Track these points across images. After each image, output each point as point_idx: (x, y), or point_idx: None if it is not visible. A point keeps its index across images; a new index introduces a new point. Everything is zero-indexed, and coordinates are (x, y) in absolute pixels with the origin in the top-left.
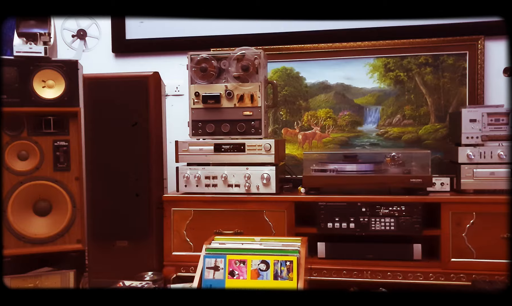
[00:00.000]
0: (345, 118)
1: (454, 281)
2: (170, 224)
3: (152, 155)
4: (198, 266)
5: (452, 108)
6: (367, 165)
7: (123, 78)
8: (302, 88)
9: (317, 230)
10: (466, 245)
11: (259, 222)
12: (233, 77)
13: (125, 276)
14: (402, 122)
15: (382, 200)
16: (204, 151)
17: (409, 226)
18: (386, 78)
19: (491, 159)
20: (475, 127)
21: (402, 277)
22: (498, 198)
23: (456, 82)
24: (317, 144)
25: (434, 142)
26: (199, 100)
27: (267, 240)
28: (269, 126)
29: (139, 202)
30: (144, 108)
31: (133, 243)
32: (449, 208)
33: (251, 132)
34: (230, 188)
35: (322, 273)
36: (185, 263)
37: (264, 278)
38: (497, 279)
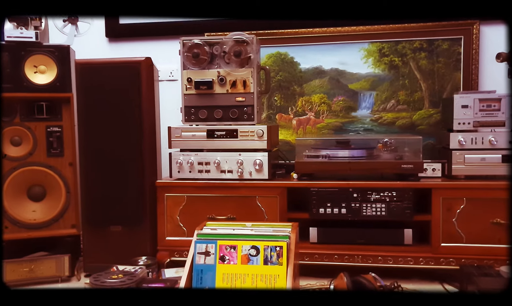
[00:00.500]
0: (340, 104)
1: (443, 265)
2: (163, 209)
3: (145, 140)
4: (189, 252)
5: (446, 93)
6: (359, 151)
7: (115, 64)
8: (296, 73)
9: (309, 215)
10: (456, 230)
11: (251, 207)
12: (226, 63)
13: (120, 260)
14: (396, 108)
15: (373, 186)
16: (197, 137)
17: (400, 211)
18: (380, 63)
19: (482, 145)
20: (467, 113)
21: (392, 262)
22: (489, 183)
23: (451, 67)
24: (311, 129)
25: (428, 128)
26: (191, 86)
27: (258, 225)
28: (264, 111)
29: (132, 188)
30: (136, 93)
31: (127, 228)
32: (440, 193)
33: (243, 118)
34: (223, 174)
35: (314, 257)
36: (179, 248)
37: (254, 263)
38: (485, 264)
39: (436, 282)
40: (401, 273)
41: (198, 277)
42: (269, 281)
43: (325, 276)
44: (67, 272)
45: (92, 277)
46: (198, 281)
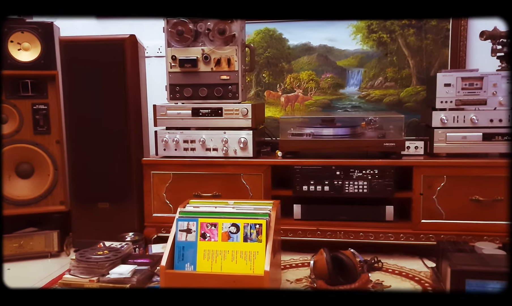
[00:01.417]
0: (328, 81)
1: (423, 241)
2: (150, 186)
3: (130, 118)
4: (172, 229)
5: (434, 70)
6: (343, 129)
7: (99, 41)
8: (284, 50)
9: (292, 192)
10: (436, 207)
11: (236, 185)
12: (210, 41)
13: (108, 236)
14: (384, 85)
15: (355, 164)
16: (182, 115)
17: (382, 188)
18: (369, 39)
19: (463, 124)
20: (450, 92)
21: (374, 237)
22: (468, 161)
23: (439, 44)
24: (300, 106)
25: (415, 105)
26: (176, 64)
27: (240, 203)
28: (252, 88)
29: (119, 165)
30: (121, 71)
31: (115, 205)
32: (421, 171)
33: (228, 97)
34: (208, 152)
35: (298, 233)
36: (165, 224)
37: (234, 240)
38: (463, 239)
39: (416, 257)
40: (382, 249)
41: (179, 254)
42: (248, 257)
43: (308, 251)
44: (56, 248)
45: (78, 253)
46: (179, 258)
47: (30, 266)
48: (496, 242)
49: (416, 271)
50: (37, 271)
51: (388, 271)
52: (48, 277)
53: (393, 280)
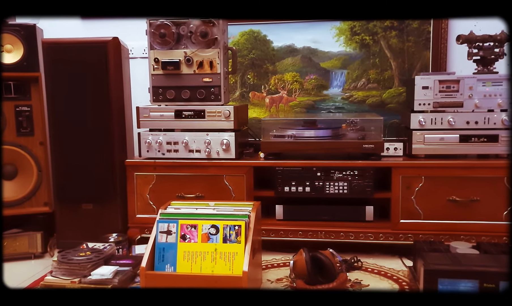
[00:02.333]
0: (312, 82)
1: (402, 240)
2: (133, 188)
3: (113, 120)
4: (152, 231)
5: (415, 72)
6: (324, 131)
7: (82, 43)
8: (269, 51)
9: (274, 193)
10: (415, 207)
11: (219, 186)
12: (192, 43)
13: (92, 237)
14: (367, 86)
15: (336, 165)
16: (165, 117)
17: (362, 189)
18: (352, 41)
19: (441, 125)
20: (428, 94)
21: (354, 237)
22: (446, 163)
23: (421, 46)
24: (284, 107)
25: (397, 106)
26: (158, 66)
27: (221, 205)
28: (237, 89)
29: (102, 167)
30: (104, 73)
31: (99, 206)
32: (400, 172)
33: (210, 99)
34: (191, 153)
35: (280, 233)
36: (149, 225)
37: (214, 241)
38: (440, 239)
39: (395, 256)
40: (362, 248)
41: (160, 255)
42: (227, 258)
43: (290, 251)
44: (39, 249)
45: (60, 255)
46: (160, 259)
47: (14, 267)
48: (472, 241)
49: (394, 270)
50: (21, 272)
51: (367, 270)
52: (31, 278)
53: (372, 279)
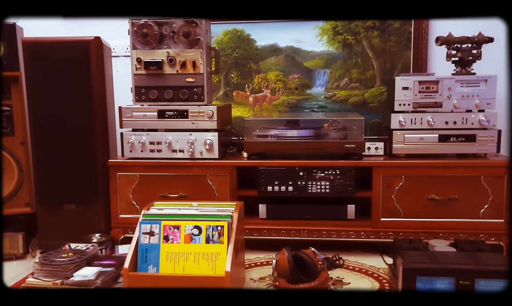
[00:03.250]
0: (295, 81)
1: (383, 238)
2: (116, 188)
3: (96, 120)
4: (135, 232)
5: (397, 72)
6: (306, 131)
7: (63, 43)
8: (252, 51)
9: (257, 193)
10: (395, 206)
11: (203, 186)
12: (175, 43)
13: (74, 238)
14: (349, 85)
15: (318, 165)
16: (148, 117)
17: (343, 188)
18: (334, 41)
19: (421, 125)
20: (408, 95)
21: (336, 235)
22: (425, 162)
23: (402, 46)
24: (268, 106)
25: (379, 105)
26: (141, 66)
27: (203, 205)
28: (221, 88)
29: (85, 167)
30: (86, 73)
31: (81, 206)
32: (380, 171)
33: (194, 99)
34: (174, 153)
35: (263, 232)
36: (132, 225)
37: (197, 242)
38: (420, 237)
39: (376, 254)
40: (344, 246)
41: (143, 256)
42: (210, 258)
43: (273, 250)
44: (21, 250)
45: (42, 256)
46: (143, 260)
47: None
48: (450, 239)
49: (375, 267)
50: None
51: (349, 268)
52: (13, 280)
53: (353, 277)
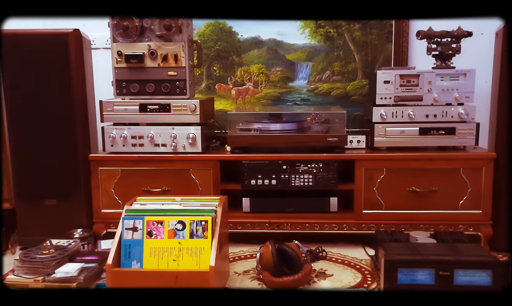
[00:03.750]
0: (277, 74)
1: (365, 230)
2: (97, 183)
3: (76, 113)
4: (118, 228)
5: (378, 65)
6: (289, 125)
7: (42, 35)
8: (235, 43)
9: (241, 186)
10: (377, 198)
11: (186, 180)
12: (156, 36)
13: (56, 234)
14: (331, 78)
15: (301, 158)
16: (129, 111)
17: (326, 181)
18: (316, 34)
19: (402, 119)
20: (389, 88)
21: (319, 228)
22: (406, 155)
23: (383, 39)
24: (251, 99)
25: (361, 98)
26: (122, 59)
27: (187, 200)
28: (203, 81)
29: (65, 162)
30: (65, 66)
31: (62, 202)
32: (362, 164)
33: (176, 92)
34: (156, 147)
35: (247, 226)
36: (115, 220)
37: (181, 237)
38: (401, 229)
39: (358, 245)
40: (327, 238)
41: (126, 252)
42: (194, 253)
43: (257, 243)
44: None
45: (22, 253)
46: (126, 256)
47: None
48: (430, 230)
49: (358, 259)
50: None
51: (331, 260)
52: None
53: (336, 269)
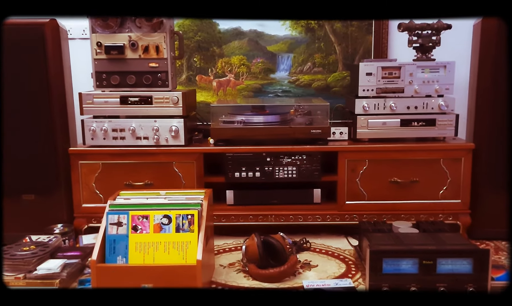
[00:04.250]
0: (259, 66)
1: (348, 221)
2: (78, 177)
3: (54, 106)
4: (102, 223)
5: (359, 56)
6: (273, 117)
7: (17, 25)
8: (215, 34)
9: (225, 179)
10: (359, 189)
11: (169, 173)
12: (137, 27)
13: (35, 229)
14: (313, 70)
15: (285, 150)
16: (110, 104)
17: (309, 173)
18: (297, 25)
19: (384, 110)
20: (371, 80)
21: (302, 219)
22: (388, 146)
23: (363, 30)
24: (232, 91)
25: (341, 89)
26: (102, 51)
27: (172, 193)
28: (183, 72)
29: (44, 155)
30: (42, 58)
31: (41, 197)
32: (345, 156)
33: (158, 84)
34: (138, 140)
35: (231, 218)
36: (96, 214)
37: (167, 231)
38: (383, 219)
39: (341, 236)
40: (310, 229)
41: (111, 247)
42: (181, 247)
43: (241, 235)
44: None
45: (1, 250)
46: (111, 251)
47: None
48: (411, 220)
49: (341, 249)
50: None
51: (315, 250)
52: None
53: (320, 259)
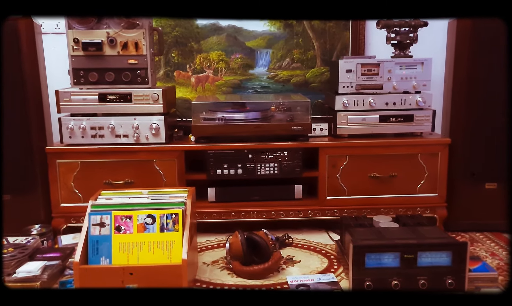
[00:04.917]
0: (237, 61)
1: (329, 216)
2: (56, 176)
3: (30, 104)
4: (84, 223)
5: (336, 52)
6: (254, 114)
7: None
8: (193, 29)
9: (207, 176)
10: (340, 184)
11: (149, 171)
12: (116, 23)
13: (11, 231)
14: (291, 66)
15: (266, 147)
16: (88, 101)
17: (291, 169)
18: (276, 21)
19: (363, 107)
20: (351, 77)
21: (284, 215)
22: (367, 142)
23: (341, 26)
24: (211, 87)
25: (320, 85)
26: (79, 47)
27: (155, 192)
28: (161, 68)
29: (20, 155)
30: (16, 55)
31: (18, 197)
32: (326, 152)
33: (137, 82)
34: (118, 138)
35: (213, 216)
36: (75, 214)
37: (151, 231)
38: (363, 213)
39: (322, 231)
40: (292, 225)
41: (94, 248)
42: (165, 247)
43: (223, 232)
44: None
45: None
46: (94, 252)
47: None
48: (391, 214)
49: (322, 244)
50: None
51: (298, 246)
52: None
53: (303, 255)
